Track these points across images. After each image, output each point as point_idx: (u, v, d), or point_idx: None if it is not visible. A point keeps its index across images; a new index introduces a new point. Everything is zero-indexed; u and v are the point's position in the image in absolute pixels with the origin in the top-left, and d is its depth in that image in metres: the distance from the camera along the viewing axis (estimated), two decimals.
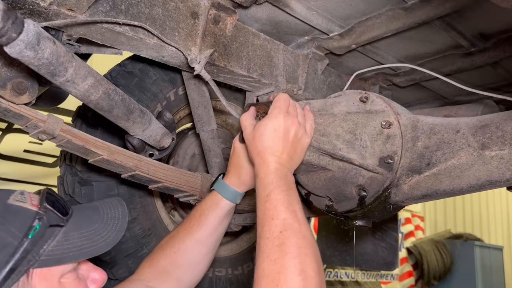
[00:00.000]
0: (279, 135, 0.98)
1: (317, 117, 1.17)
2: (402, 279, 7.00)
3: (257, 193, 0.95)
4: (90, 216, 0.89)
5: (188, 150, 1.85)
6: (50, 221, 0.78)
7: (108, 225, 0.88)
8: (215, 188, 1.19)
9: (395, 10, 1.38)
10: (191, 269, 1.15)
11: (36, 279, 0.75)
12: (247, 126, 1.05)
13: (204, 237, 1.15)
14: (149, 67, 1.59)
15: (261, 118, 1.10)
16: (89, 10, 1.04)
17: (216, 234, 1.18)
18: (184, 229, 1.16)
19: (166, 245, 1.16)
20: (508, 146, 0.97)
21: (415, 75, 1.84)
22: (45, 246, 0.77)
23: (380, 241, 2.24)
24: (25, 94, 1.02)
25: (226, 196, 1.16)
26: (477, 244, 7.09)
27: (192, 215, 1.18)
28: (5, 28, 0.76)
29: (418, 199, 1.11)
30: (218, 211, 1.16)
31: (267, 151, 0.97)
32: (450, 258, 7.04)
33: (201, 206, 1.18)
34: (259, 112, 1.12)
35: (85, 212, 0.90)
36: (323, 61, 1.71)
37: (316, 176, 1.21)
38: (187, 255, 1.13)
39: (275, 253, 0.80)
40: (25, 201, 0.80)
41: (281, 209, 0.87)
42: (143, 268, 1.13)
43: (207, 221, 1.15)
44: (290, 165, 0.99)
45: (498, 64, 1.67)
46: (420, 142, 1.10)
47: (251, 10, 1.42)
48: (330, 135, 1.15)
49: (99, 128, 1.51)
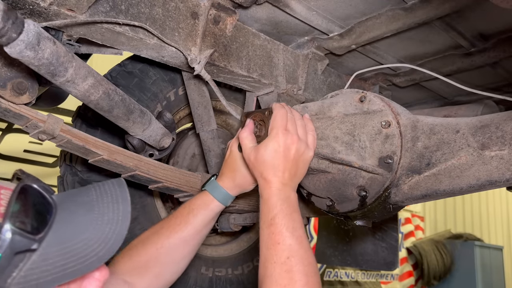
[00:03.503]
0: (279, 155, 0.99)
1: (314, 121, 1.17)
2: (402, 279, 7.00)
3: (261, 214, 0.97)
4: (80, 220, 0.68)
5: (188, 150, 1.85)
6: (15, 248, 0.58)
7: (102, 233, 0.67)
8: (208, 189, 1.16)
9: (395, 11, 1.38)
10: (172, 267, 1.12)
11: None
12: (246, 145, 1.06)
13: (190, 236, 1.13)
14: (149, 67, 1.60)
15: (257, 126, 1.10)
16: (89, 10, 1.04)
17: (201, 234, 1.16)
18: (170, 226, 1.13)
19: (147, 240, 1.12)
20: (508, 146, 0.97)
21: (415, 75, 1.84)
22: (15, 273, 0.58)
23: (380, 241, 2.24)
24: (25, 94, 1.02)
25: (218, 198, 1.14)
26: (477, 244, 7.09)
27: (179, 213, 1.15)
28: (5, 28, 0.76)
29: (418, 199, 1.11)
30: (207, 211, 1.14)
31: (269, 173, 0.99)
32: (450, 258, 7.04)
33: (190, 204, 1.16)
34: (256, 120, 1.11)
35: (74, 214, 0.69)
36: (323, 61, 1.71)
37: (317, 178, 1.21)
38: (171, 253, 1.11)
39: (284, 279, 0.83)
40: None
41: (287, 234, 0.90)
42: (121, 260, 1.09)
43: (195, 220, 1.13)
44: (293, 182, 1.02)
45: (498, 64, 1.67)
46: (420, 142, 1.10)
47: (251, 10, 1.42)
48: (328, 138, 1.15)
49: (99, 128, 1.51)
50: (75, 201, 0.72)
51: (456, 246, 7.13)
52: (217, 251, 1.91)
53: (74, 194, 0.76)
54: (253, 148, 1.04)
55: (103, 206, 0.71)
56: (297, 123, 1.06)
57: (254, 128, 1.10)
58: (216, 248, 1.93)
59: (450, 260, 7.03)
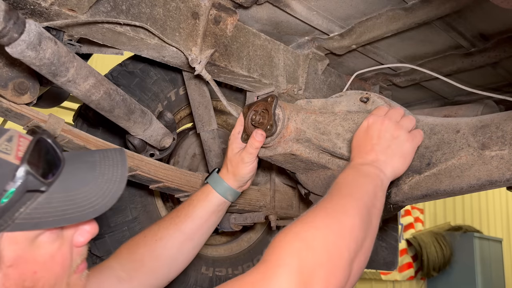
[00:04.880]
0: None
1: (318, 116, 1.17)
2: (401, 270, 6.97)
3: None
4: (83, 175, 0.76)
5: (189, 150, 1.85)
6: (27, 187, 0.66)
7: (101, 189, 0.75)
8: (209, 181, 1.18)
9: (395, 11, 1.38)
10: (168, 262, 1.11)
11: (6, 242, 0.66)
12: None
13: (189, 229, 1.12)
14: (150, 67, 1.60)
15: (261, 113, 1.11)
16: (90, 10, 1.04)
17: (202, 229, 1.15)
18: (171, 218, 1.14)
19: (148, 232, 1.12)
20: (508, 146, 0.97)
21: (415, 75, 1.84)
22: (22, 209, 0.66)
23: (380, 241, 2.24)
24: (26, 94, 1.03)
25: (217, 190, 1.15)
26: (477, 236, 7.10)
27: (181, 206, 1.17)
28: (6, 28, 0.76)
29: (418, 199, 1.12)
30: (206, 203, 1.14)
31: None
32: (450, 249, 7.05)
33: (191, 197, 1.18)
34: (258, 109, 1.13)
35: (79, 169, 0.77)
36: (323, 61, 1.72)
37: (316, 175, 1.21)
38: (168, 245, 1.10)
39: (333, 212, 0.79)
40: (9, 151, 0.67)
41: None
42: (121, 252, 1.09)
43: (194, 212, 1.13)
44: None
45: (498, 64, 1.67)
46: None
47: (251, 11, 1.42)
48: (330, 133, 1.15)
49: (100, 128, 1.52)
50: (81, 159, 0.80)
51: (456, 237, 7.14)
52: (217, 251, 1.91)
53: (81, 154, 0.85)
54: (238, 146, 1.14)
55: (104, 167, 0.79)
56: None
57: (258, 116, 1.11)
58: (216, 248, 1.93)
59: (450, 252, 7.04)
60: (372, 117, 1.00)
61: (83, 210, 0.71)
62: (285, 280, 0.65)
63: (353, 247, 0.74)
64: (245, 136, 1.14)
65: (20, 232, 0.67)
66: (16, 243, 0.67)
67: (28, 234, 0.68)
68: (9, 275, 0.66)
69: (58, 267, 0.73)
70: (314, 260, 0.68)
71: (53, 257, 0.72)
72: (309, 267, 0.67)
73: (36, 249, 0.70)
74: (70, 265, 0.76)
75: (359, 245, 0.76)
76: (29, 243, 0.69)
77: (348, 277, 0.73)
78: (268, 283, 0.65)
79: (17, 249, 0.67)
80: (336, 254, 0.71)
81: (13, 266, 0.67)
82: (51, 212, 0.68)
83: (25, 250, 0.68)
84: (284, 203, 1.74)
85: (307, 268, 0.67)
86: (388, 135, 0.96)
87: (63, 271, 0.74)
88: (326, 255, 0.70)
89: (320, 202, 0.82)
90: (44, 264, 0.71)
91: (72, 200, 0.71)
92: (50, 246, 0.72)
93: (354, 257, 0.74)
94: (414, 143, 0.99)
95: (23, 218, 0.66)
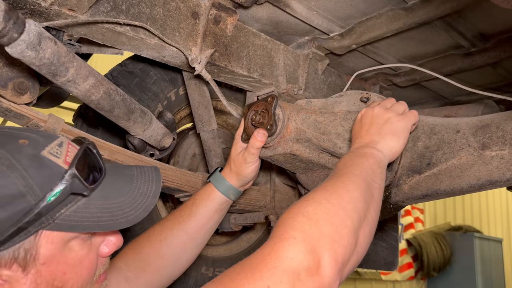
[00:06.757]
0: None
1: (318, 116, 1.17)
2: (402, 270, 6.98)
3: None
4: (121, 186, 0.82)
5: (189, 150, 1.85)
6: (73, 189, 0.71)
7: (135, 202, 0.81)
8: (211, 180, 1.19)
9: (395, 10, 1.38)
10: (173, 261, 1.13)
11: (43, 240, 0.70)
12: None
13: (193, 228, 1.14)
14: (150, 67, 1.60)
15: (261, 113, 1.11)
16: (90, 10, 1.04)
17: (205, 228, 1.17)
18: (174, 218, 1.16)
19: (152, 232, 1.14)
20: (508, 146, 0.97)
21: (415, 75, 1.84)
22: (63, 210, 0.71)
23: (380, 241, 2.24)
24: (26, 94, 1.02)
25: (219, 188, 1.16)
26: (477, 236, 7.11)
27: (184, 205, 1.18)
28: (6, 28, 0.76)
29: (419, 199, 1.12)
30: (209, 202, 1.16)
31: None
32: (450, 249, 7.06)
33: (194, 196, 1.19)
34: (258, 109, 1.13)
35: (118, 181, 0.83)
36: (323, 61, 1.72)
37: (316, 175, 1.21)
38: (173, 245, 1.12)
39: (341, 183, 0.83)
40: (59, 155, 0.73)
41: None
42: (126, 252, 1.11)
43: (197, 212, 1.15)
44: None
45: (498, 64, 1.67)
46: (420, 142, 1.10)
47: (251, 10, 1.42)
48: (330, 133, 1.15)
49: (100, 128, 1.51)
50: (120, 172, 0.87)
51: (456, 237, 7.15)
52: (217, 251, 1.91)
53: (119, 167, 0.93)
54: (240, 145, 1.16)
55: (140, 181, 0.86)
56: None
57: (258, 116, 1.12)
58: (217, 248, 1.93)
59: (450, 252, 7.04)
60: (364, 109, 1.06)
61: (116, 219, 0.77)
62: (293, 251, 0.68)
63: (356, 217, 0.77)
64: (245, 136, 1.14)
65: (57, 232, 0.72)
66: (52, 243, 0.72)
67: (64, 236, 0.73)
68: (41, 272, 0.71)
69: (85, 271, 0.78)
70: (318, 231, 0.71)
71: (82, 262, 0.77)
72: (314, 237, 0.70)
73: (68, 251, 0.74)
74: (94, 273, 0.81)
75: (361, 216, 0.79)
76: (63, 244, 0.73)
77: (355, 246, 0.75)
78: (277, 256, 0.67)
79: (52, 248, 0.72)
80: (338, 224, 0.74)
81: (45, 264, 0.71)
82: (87, 217, 0.73)
83: (58, 251, 0.73)
84: (284, 203, 1.74)
85: (312, 238, 0.70)
86: (379, 119, 1.01)
87: (89, 277, 0.79)
88: (329, 226, 0.73)
89: (321, 184, 0.86)
90: (74, 267, 0.75)
91: (107, 209, 0.76)
92: (80, 251, 0.76)
93: (358, 227, 0.77)
94: (406, 122, 1.02)
95: (62, 219, 0.71)
